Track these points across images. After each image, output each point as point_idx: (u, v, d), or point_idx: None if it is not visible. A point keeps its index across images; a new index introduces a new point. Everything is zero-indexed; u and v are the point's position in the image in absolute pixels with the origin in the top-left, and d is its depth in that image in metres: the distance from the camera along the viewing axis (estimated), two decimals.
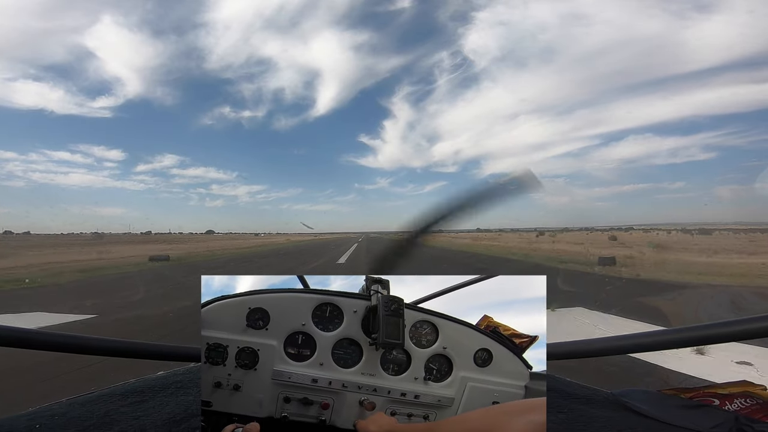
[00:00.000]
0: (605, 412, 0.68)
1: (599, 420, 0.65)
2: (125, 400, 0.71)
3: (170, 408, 0.68)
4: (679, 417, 0.64)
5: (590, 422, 0.65)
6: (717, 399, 0.66)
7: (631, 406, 0.69)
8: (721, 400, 0.65)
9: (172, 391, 0.75)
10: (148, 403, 0.70)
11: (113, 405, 0.69)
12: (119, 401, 0.70)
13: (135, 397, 0.72)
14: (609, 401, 0.73)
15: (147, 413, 0.67)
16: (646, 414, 0.66)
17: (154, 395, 0.73)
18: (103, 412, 0.66)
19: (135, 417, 0.65)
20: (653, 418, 0.65)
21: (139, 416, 0.66)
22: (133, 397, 0.72)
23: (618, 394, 0.74)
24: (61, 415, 0.64)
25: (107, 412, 0.66)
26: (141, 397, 0.72)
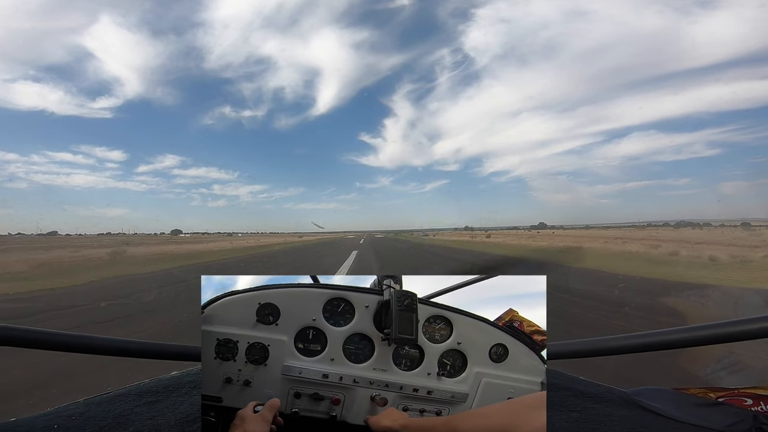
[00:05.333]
0: (619, 410, 0.68)
1: (613, 419, 0.65)
2: (140, 400, 0.71)
3: (184, 407, 0.68)
4: (693, 415, 0.63)
5: (604, 421, 0.64)
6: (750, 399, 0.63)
7: (645, 404, 0.68)
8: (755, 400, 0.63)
9: (186, 390, 0.75)
10: (162, 403, 0.70)
11: (128, 405, 0.69)
12: (134, 401, 0.70)
13: (150, 397, 0.72)
14: (623, 400, 0.72)
15: (161, 413, 0.67)
16: (661, 413, 0.65)
17: (168, 395, 0.73)
18: (119, 412, 0.66)
19: (150, 417, 0.65)
20: (667, 416, 0.64)
21: (154, 416, 0.66)
22: (148, 397, 0.72)
23: (632, 393, 0.73)
24: (78, 416, 0.64)
25: (123, 412, 0.67)
26: (155, 397, 0.72)
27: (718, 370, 2.75)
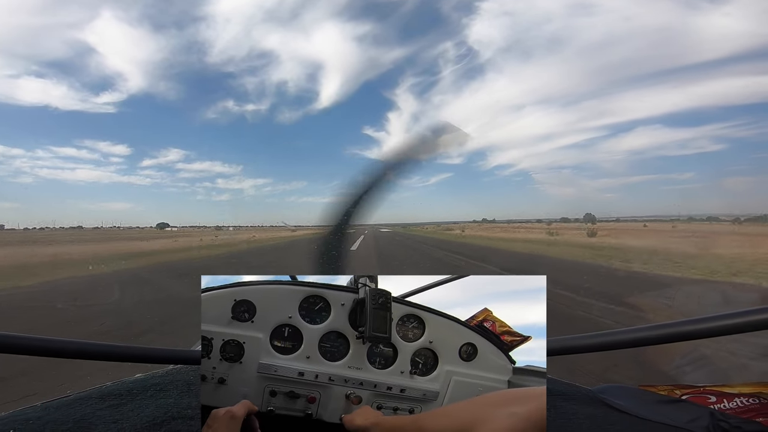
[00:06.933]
0: (585, 408, 0.70)
1: (579, 416, 0.67)
2: (102, 404, 0.68)
3: (150, 411, 0.66)
4: (655, 412, 0.65)
5: (571, 419, 0.66)
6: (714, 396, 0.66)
7: (609, 402, 0.71)
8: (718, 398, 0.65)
9: (151, 393, 0.73)
10: (126, 407, 0.68)
11: (90, 408, 0.66)
12: (96, 404, 0.67)
13: (113, 400, 0.69)
14: (588, 398, 0.74)
15: (126, 416, 0.64)
16: (625, 410, 0.68)
17: (132, 398, 0.71)
18: (80, 416, 0.64)
19: (113, 420, 0.63)
20: (631, 414, 0.66)
21: (118, 419, 0.63)
22: (111, 400, 0.69)
23: (597, 391, 0.76)
24: (36, 420, 0.62)
25: (84, 416, 0.64)
26: (119, 400, 0.69)
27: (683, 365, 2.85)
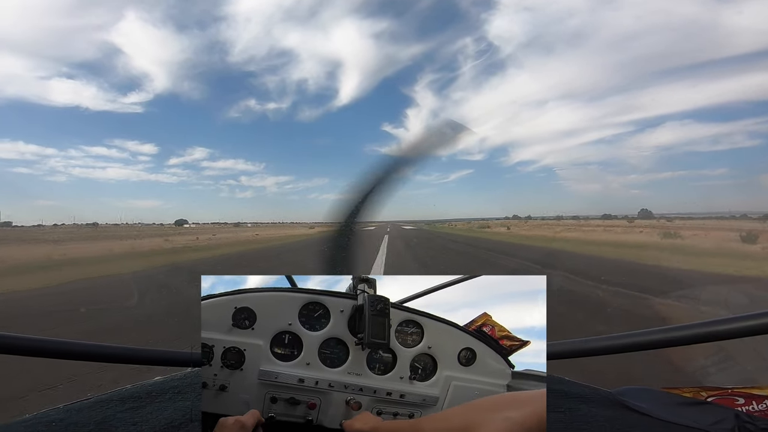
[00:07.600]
0: (604, 411, 0.68)
1: (598, 419, 0.65)
2: (122, 406, 0.69)
3: (168, 413, 0.67)
4: (678, 415, 0.64)
5: (590, 421, 0.65)
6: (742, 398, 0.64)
7: (630, 404, 0.69)
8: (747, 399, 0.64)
9: (169, 396, 0.74)
10: (145, 409, 0.69)
11: (110, 411, 0.68)
12: (116, 407, 0.69)
13: (132, 403, 0.71)
14: (608, 400, 0.73)
15: (145, 419, 0.66)
16: (646, 412, 0.66)
17: (151, 401, 0.72)
18: (101, 418, 0.65)
19: (133, 423, 0.64)
20: (653, 416, 0.65)
21: (137, 422, 0.65)
22: (131, 403, 0.71)
23: (617, 393, 0.74)
24: (58, 422, 0.63)
25: (104, 418, 0.65)
26: (138, 403, 0.71)
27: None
